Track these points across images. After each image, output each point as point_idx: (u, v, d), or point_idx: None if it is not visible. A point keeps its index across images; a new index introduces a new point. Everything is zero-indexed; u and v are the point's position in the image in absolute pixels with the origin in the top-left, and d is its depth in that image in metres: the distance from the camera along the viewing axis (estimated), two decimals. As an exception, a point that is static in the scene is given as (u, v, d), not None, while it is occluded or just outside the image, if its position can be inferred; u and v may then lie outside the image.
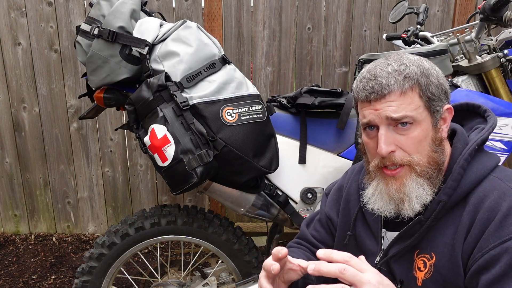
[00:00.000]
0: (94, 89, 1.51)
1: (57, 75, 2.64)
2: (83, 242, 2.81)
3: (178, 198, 2.84)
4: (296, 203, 1.58)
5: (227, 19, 2.56)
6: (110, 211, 2.85)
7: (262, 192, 1.55)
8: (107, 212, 2.86)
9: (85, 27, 1.39)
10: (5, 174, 2.78)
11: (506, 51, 1.55)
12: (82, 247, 2.77)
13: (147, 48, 1.36)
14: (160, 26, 1.43)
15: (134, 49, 1.37)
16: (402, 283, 0.94)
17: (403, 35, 1.99)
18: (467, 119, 1.05)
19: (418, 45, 1.92)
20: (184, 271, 1.80)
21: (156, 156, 1.31)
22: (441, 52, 1.55)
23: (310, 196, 1.56)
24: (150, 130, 1.30)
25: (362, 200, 0.99)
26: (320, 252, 0.79)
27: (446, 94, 0.91)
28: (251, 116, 1.37)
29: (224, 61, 1.42)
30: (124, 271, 1.94)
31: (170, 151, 1.28)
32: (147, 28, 1.39)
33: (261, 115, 1.40)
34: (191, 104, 1.30)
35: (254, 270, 1.62)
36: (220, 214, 1.67)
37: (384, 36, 2.16)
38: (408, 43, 2.00)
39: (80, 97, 1.74)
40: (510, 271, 0.77)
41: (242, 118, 1.36)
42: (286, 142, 1.56)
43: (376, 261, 0.99)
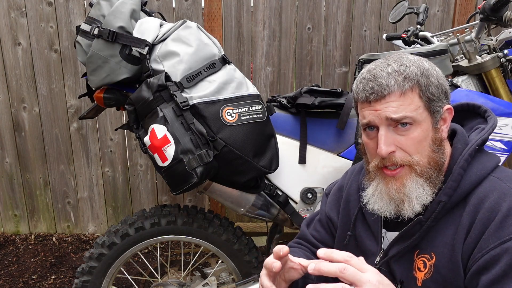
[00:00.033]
0: (94, 89, 1.51)
1: (57, 75, 2.63)
2: (83, 242, 2.81)
3: (178, 198, 2.84)
4: (296, 203, 1.58)
5: (227, 19, 2.56)
6: (110, 211, 2.85)
7: (262, 192, 1.55)
8: (107, 212, 2.85)
9: (85, 27, 1.39)
10: (5, 174, 2.78)
11: (506, 51, 1.55)
12: (82, 247, 2.77)
13: (147, 48, 1.36)
14: (160, 26, 1.43)
15: (134, 49, 1.37)
16: (402, 283, 0.94)
17: (403, 35, 1.99)
18: (467, 119, 1.05)
19: (418, 45, 1.92)
20: (184, 271, 1.80)
21: (156, 156, 1.31)
22: (441, 52, 1.55)
23: (310, 196, 1.57)
24: (150, 130, 1.30)
25: (362, 201, 0.99)
26: (321, 252, 0.79)
27: (446, 95, 0.91)
28: (251, 116, 1.37)
29: (224, 61, 1.42)
30: (124, 271, 1.94)
31: (170, 151, 1.28)
32: (147, 28, 1.39)
33: (261, 115, 1.40)
34: (191, 104, 1.30)
35: (254, 270, 1.62)
36: (220, 214, 1.67)
37: (384, 36, 2.16)
38: (408, 43, 2.00)
39: (80, 97, 1.74)
40: (510, 272, 0.77)
41: (242, 118, 1.36)
42: (286, 142, 1.56)
43: (376, 261, 0.99)
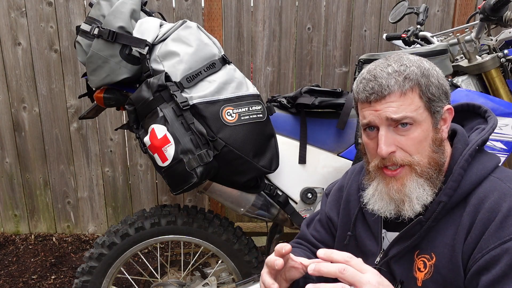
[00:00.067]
0: (94, 89, 1.51)
1: (57, 75, 2.63)
2: (83, 242, 2.81)
3: (178, 198, 2.84)
4: (296, 203, 1.58)
5: (227, 19, 2.56)
6: (110, 211, 2.85)
7: (262, 192, 1.55)
8: (107, 212, 2.85)
9: (85, 27, 1.39)
10: (5, 174, 2.78)
11: (506, 51, 1.55)
12: (82, 247, 2.77)
13: (147, 48, 1.36)
14: (160, 26, 1.43)
15: (134, 49, 1.37)
16: (402, 284, 0.94)
17: (403, 35, 1.99)
18: (467, 119, 1.05)
19: (418, 45, 1.92)
20: (184, 271, 1.80)
21: (156, 156, 1.30)
22: (441, 52, 1.55)
23: (310, 196, 1.56)
24: (150, 130, 1.30)
25: (362, 201, 0.99)
26: (321, 252, 0.79)
27: (447, 95, 0.91)
28: (251, 116, 1.37)
29: (224, 61, 1.41)
30: (124, 271, 1.94)
31: (170, 151, 1.28)
32: (147, 28, 1.39)
33: (261, 115, 1.40)
34: (191, 104, 1.30)
35: (254, 270, 1.62)
36: (220, 214, 1.67)
37: (384, 36, 2.16)
38: (408, 43, 2.00)
39: (80, 97, 1.74)
40: (510, 272, 0.77)
41: (242, 118, 1.36)
42: (286, 142, 1.56)
43: (376, 261, 0.99)
